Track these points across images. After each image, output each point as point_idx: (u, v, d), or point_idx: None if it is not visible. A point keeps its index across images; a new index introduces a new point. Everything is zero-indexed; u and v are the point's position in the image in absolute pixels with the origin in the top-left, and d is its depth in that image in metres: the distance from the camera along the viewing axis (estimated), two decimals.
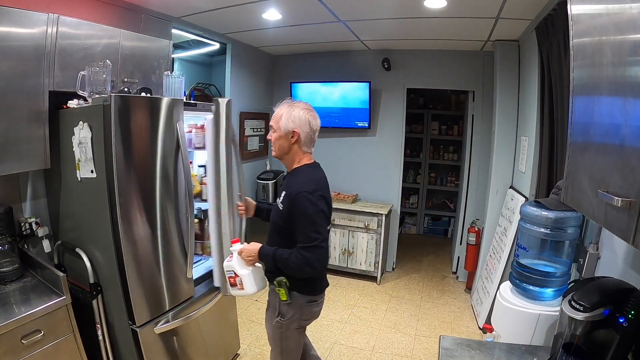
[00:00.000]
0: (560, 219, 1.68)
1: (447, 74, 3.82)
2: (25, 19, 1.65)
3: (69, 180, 1.86)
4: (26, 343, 1.47)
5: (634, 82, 0.77)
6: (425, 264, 4.45)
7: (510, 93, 3.21)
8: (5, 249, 1.74)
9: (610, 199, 0.80)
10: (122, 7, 2.40)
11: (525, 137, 2.92)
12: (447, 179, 5.49)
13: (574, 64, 1.08)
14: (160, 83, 2.08)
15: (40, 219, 2.01)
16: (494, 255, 3.08)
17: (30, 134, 1.73)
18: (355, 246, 3.87)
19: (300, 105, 1.60)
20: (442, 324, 3.12)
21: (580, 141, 1.06)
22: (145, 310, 1.78)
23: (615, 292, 1.13)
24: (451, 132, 5.29)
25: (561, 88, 2.14)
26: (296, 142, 1.59)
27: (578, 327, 1.11)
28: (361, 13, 2.72)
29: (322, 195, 1.55)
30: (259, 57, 4.09)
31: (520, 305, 1.71)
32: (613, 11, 0.87)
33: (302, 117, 1.57)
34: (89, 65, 1.80)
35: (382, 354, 2.68)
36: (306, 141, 1.61)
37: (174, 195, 1.89)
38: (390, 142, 4.07)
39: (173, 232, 1.90)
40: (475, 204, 3.86)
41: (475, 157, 3.85)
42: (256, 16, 2.81)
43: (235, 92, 3.69)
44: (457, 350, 1.37)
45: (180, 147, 1.87)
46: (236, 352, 2.58)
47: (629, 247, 1.37)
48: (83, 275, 1.83)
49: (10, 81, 1.63)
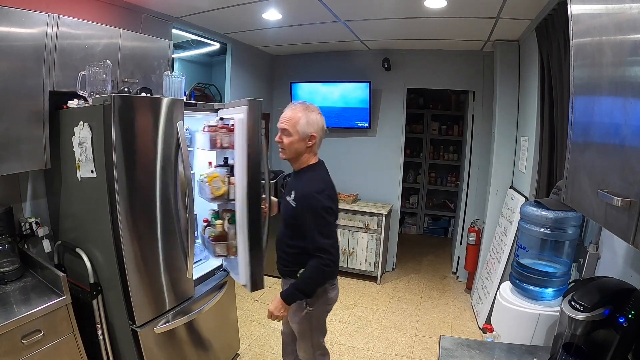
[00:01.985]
0: (560, 219, 1.68)
1: (447, 74, 3.82)
2: (25, 19, 1.65)
3: (69, 180, 1.86)
4: (26, 343, 1.47)
5: (634, 82, 0.77)
6: (425, 264, 4.45)
7: (510, 93, 3.21)
8: (6, 249, 1.74)
9: (610, 199, 0.80)
10: (122, 7, 2.40)
11: (525, 137, 2.92)
12: (447, 179, 5.49)
13: (574, 64, 1.08)
14: (161, 83, 2.08)
15: (40, 219, 2.01)
16: (494, 255, 3.08)
17: (31, 134, 1.73)
18: (355, 246, 3.87)
19: (315, 109, 1.66)
20: (442, 324, 3.12)
21: (580, 141, 1.06)
22: (145, 310, 1.78)
23: (615, 292, 1.12)
24: (451, 132, 5.29)
25: (561, 88, 2.14)
26: (312, 145, 1.67)
27: (578, 327, 1.11)
28: (361, 13, 2.72)
29: (329, 195, 1.63)
30: (259, 57, 4.09)
31: (520, 305, 1.71)
32: (613, 11, 0.87)
33: (319, 121, 1.65)
34: (89, 65, 1.80)
35: (382, 354, 2.68)
36: (319, 144, 1.70)
37: (174, 195, 1.89)
38: (390, 142, 4.07)
39: (173, 232, 1.90)
40: (475, 204, 3.86)
41: (475, 157, 3.85)
42: (256, 16, 2.81)
43: (235, 92, 3.68)
44: (457, 350, 1.37)
45: (181, 147, 1.87)
46: (236, 352, 2.58)
47: (629, 247, 1.37)
48: (83, 275, 1.83)
49: (10, 81, 1.63)
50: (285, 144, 1.63)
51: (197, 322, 2.09)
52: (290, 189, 1.69)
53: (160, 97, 1.84)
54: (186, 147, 1.89)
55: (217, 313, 2.23)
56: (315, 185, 1.61)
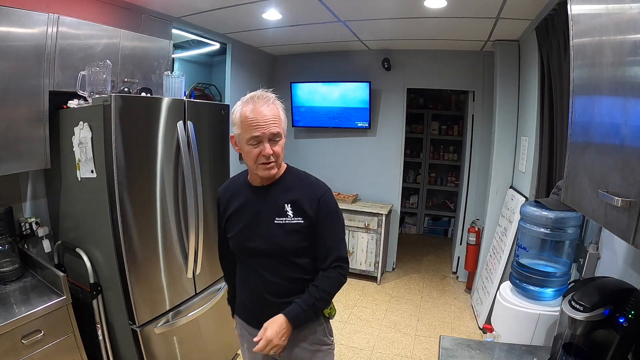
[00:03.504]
0: (560, 219, 1.68)
1: (447, 74, 3.82)
2: (25, 19, 1.65)
3: (69, 180, 1.86)
4: (26, 343, 1.47)
5: (634, 82, 0.77)
6: (425, 264, 4.45)
7: (510, 93, 3.21)
8: (6, 249, 1.74)
9: (610, 199, 0.80)
10: (122, 7, 2.40)
11: (525, 137, 2.92)
12: (447, 179, 5.49)
13: (574, 64, 1.08)
14: (161, 83, 2.08)
15: (40, 219, 2.01)
16: (494, 255, 3.08)
17: (31, 134, 1.73)
18: (356, 246, 3.87)
19: (274, 96, 1.22)
20: (442, 324, 3.12)
21: (580, 141, 1.06)
22: (145, 310, 1.78)
23: (615, 292, 1.13)
24: (451, 132, 5.28)
25: (561, 88, 2.14)
26: None
27: (578, 327, 1.11)
28: (361, 13, 2.72)
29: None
30: (259, 57, 4.09)
31: (520, 305, 1.71)
32: (613, 11, 0.87)
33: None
34: (89, 65, 1.80)
35: (382, 354, 2.68)
36: None
37: (175, 195, 1.89)
38: (390, 142, 4.07)
39: (173, 231, 1.90)
40: (475, 204, 3.86)
41: (475, 157, 3.85)
42: (256, 16, 2.81)
43: (235, 92, 3.68)
44: (457, 350, 1.37)
45: (181, 147, 1.87)
46: (236, 352, 2.57)
47: (629, 247, 1.37)
48: (83, 275, 1.83)
49: (11, 81, 1.63)
50: (279, 152, 1.20)
51: (197, 322, 2.09)
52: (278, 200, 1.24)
53: (161, 97, 1.85)
54: (186, 147, 1.89)
55: (217, 313, 2.23)
56: (320, 183, 1.30)
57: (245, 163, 1.25)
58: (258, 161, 1.18)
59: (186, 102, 1.93)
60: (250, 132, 1.15)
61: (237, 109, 1.20)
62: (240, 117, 1.17)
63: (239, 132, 1.19)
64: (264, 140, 1.16)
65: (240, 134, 1.18)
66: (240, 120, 1.17)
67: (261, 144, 1.16)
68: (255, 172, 1.23)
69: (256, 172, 1.23)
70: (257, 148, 1.17)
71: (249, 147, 1.17)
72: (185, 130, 1.90)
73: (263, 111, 1.15)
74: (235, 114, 1.20)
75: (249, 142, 1.17)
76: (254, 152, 1.17)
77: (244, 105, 1.18)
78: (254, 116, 1.15)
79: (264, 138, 1.16)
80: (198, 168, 1.98)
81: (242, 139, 1.18)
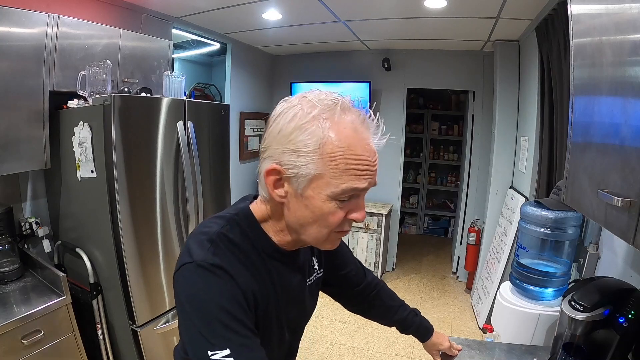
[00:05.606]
0: (560, 219, 1.68)
1: (447, 74, 3.82)
2: (25, 19, 1.65)
3: (69, 180, 1.86)
4: (26, 343, 1.46)
5: (634, 82, 0.77)
6: (425, 264, 4.44)
7: (510, 93, 3.21)
8: (5, 249, 1.74)
9: (610, 199, 0.79)
10: (122, 7, 2.40)
11: (525, 137, 2.92)
12: (447, 179, 5.49)
13: (574, 64, 1.08)
14: (161, 83, 2.08)
15: (40, 219, 2.01)
16: (494, 255, 3.08)
17: (31, 134, 1.73)
18: (355, 246, 3.87)
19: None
20: (442, 324, 3.12)
21: (580, 141, 1.06)
22: (145, 310, 1.78)
23: (615, 292, 1.12)
24: (451, 132, 5.28)
25: (561, 88, 2.14)
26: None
27: (578, 327, 1.11)
28: (361, 13, 2.72)
29: None
30: (259, 57, 4.09)
31: (520, 305, 1.71)
32: (613, 11, 0.87)
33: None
34: (89, 65, 1.80)
35: (382, 354, 2.68)
36: None
37: (175, 195, 1.89)
38: (390, 142, 4.02)
39: (173, 231, 1.90)
40: (475, 204, 3.86)
41: (475, 157, 3.85)
42: (256, 16, 2.81)
43: (235, 92, 3.69)
44: None
45: (181, 147, 1.87)
46: None
47: (629, 247, 1.37)
48: (83, 275, 1.83)
49: (10, 81, 1.63)
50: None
51: None
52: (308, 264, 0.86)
53: (161, 97, 1.85)
54: (186, 147, 1.89)
55: None
56: None
57: (291, 223, 0.70)
58: (338, 228, 0.69)
59: (186, 102, 1.93)
60: (353, 180, 0.65)
61: (315, 126, 0.62)
62: (331, 145, 0.62)
63: (319, 171, 0.63)
64: (362, 194, 0.71)
65: (324, 175, 0.63)
66: (331, 152, 0.62)
67: (354, 201, 0.69)
68: (314, 242, 0.72)
69: (317, 244, 0.73)
70: (346, 207, 0.67)
71: (331, 205, 0.65)
72: (185, 130, 1.91)
73: (372, 145, 0.70)
74: (312, 133, 0.62)
75: (337, 196, 0.65)
76: (338, 215, 0.67)
77: (340, 124, 0.64)
78: (363, 153, 0.66)
79: (366, 190, 0.70)
80: (198, 168, 1.98)
81: (323, 186, 0.64)
